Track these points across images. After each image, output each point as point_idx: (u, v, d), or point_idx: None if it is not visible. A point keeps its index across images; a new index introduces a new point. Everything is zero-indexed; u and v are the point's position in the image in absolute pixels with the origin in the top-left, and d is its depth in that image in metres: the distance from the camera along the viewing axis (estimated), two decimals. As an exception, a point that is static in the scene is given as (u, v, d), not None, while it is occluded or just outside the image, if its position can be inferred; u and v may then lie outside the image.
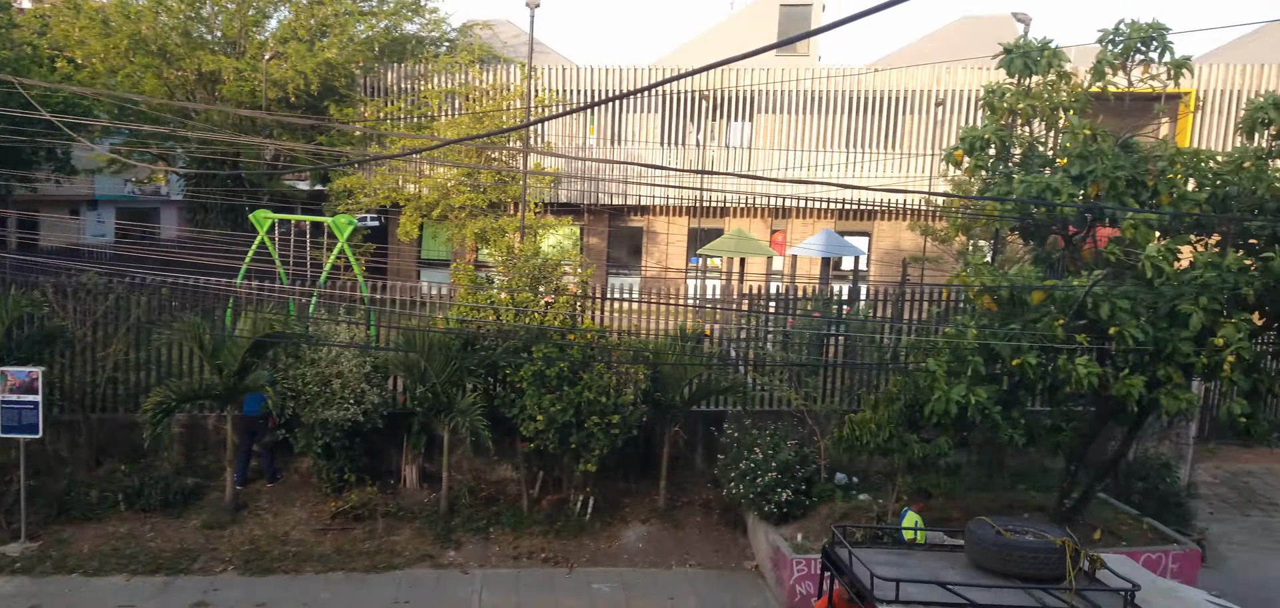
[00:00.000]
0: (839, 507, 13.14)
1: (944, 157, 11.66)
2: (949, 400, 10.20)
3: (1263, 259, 9.74)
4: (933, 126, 24.87)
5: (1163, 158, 10.38)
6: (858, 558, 7.95)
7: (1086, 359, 9.67)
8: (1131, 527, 13.12)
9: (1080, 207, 10.37)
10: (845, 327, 15.55)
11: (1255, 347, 10.20)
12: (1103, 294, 9.55)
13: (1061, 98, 11.09)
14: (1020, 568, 7.65)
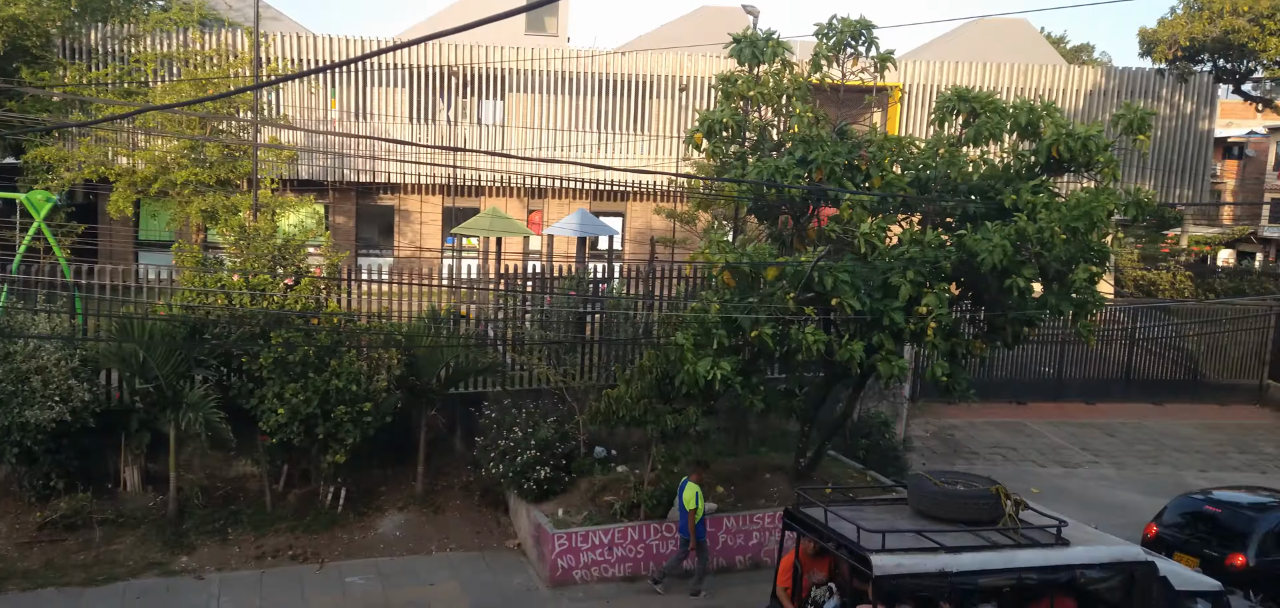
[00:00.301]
0: (598, 480, 13.47)
1: (686, 139, 12.22)
2: (697, 372, 10.73)
3: (957, 236, 11.00)
4: (678, 111, 25.95)
5: (874, 144, 11.45)
6: (836, 514, 8.41)
7: (814, 329, 10.51)
8: (857, 479, 14.41)
9: (805, 188, 11.23)
10: (601, 305, 15.91)
11: (953, 314, 11.51)
12: (826, 269, 10.42)
13: (787, 86, 11.94)
14: (963, 514, 8.41)
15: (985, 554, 8.09)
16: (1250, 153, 47.23)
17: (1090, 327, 11.24)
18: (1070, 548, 8.44)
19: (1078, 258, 10.67)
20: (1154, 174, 28.92)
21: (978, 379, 20.84)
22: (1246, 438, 20.92)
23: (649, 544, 12.50)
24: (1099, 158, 10.76)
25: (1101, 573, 8.36)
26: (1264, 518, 11.82)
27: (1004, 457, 18.64)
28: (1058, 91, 28.24)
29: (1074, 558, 8.36)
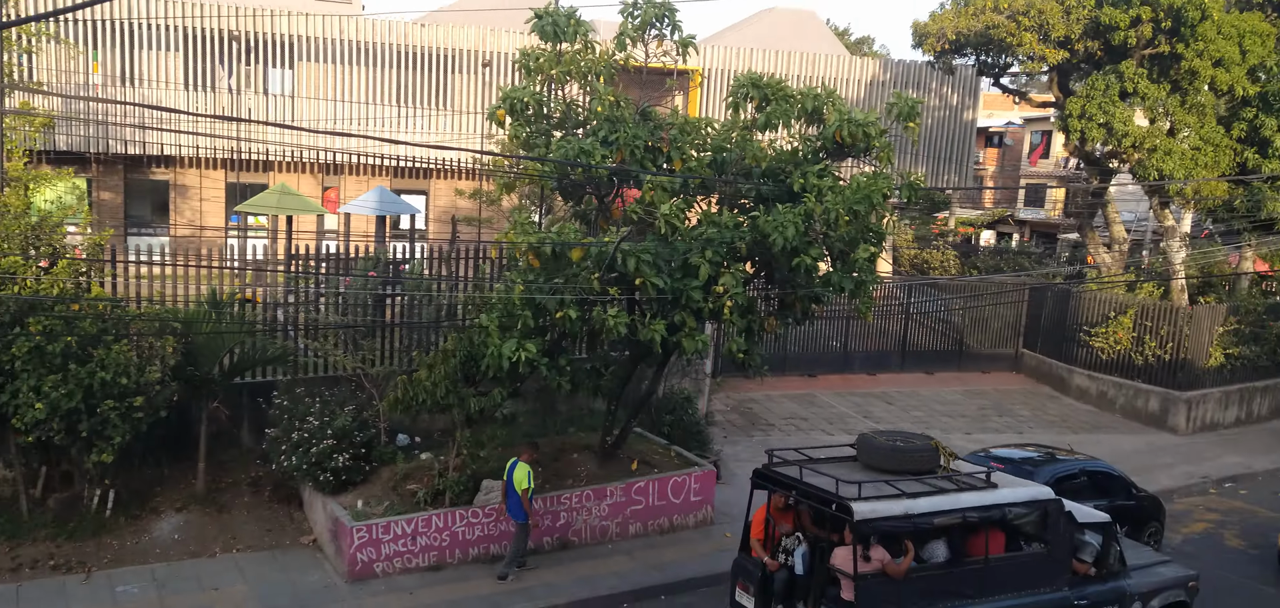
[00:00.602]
0: (401, 468, 13.04)
1: (488, 115, 11.97)
2: (502, 355, 10.58)
3: (751, 217, 11.40)
4: (481, 87, 25.46)
5: (675, 127, 11.68)
6: (811, 471, 9.43)
7: (617, 309, 10.62)
8: (662, 455, 14.75)
9: (609, 169, 11.31)
10: (402, 287, 15.35)
11: (748, 293, 11.94)
12: (629, 250, 10.53)
13: (591, 65, 11.95)
14: (908, 466, 9.63)
15: (936, 498, 9.28)
16: (1008, 142, 52.35)
17: (869, 303, 12.01)
18: (999, 490, 9.70)
19: (858, 238, 11.36)
20: (926, 161, 31.44)
21: (773, 355, 22.05)
22: (1004, 402, 23.24)
23: (455, 532, 12.26)
24: (876, 143, 11.50)
25: (1023, 509, 9.72)
26: (1038, 473, 12.76)
27: (796, 427, 19.70)
28: (841, 81, 30.05)
29: (1002, 498, 9.64)
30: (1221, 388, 22.45)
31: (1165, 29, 22.30)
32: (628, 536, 13.44)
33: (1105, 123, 22.84)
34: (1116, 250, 27.86)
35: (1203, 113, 23.05)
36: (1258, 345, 22.94)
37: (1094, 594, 10.00)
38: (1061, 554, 9.90)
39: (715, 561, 12.77)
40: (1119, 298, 23.96)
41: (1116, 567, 10.39)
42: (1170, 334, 22.16)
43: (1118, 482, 13.67)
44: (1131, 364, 22.81)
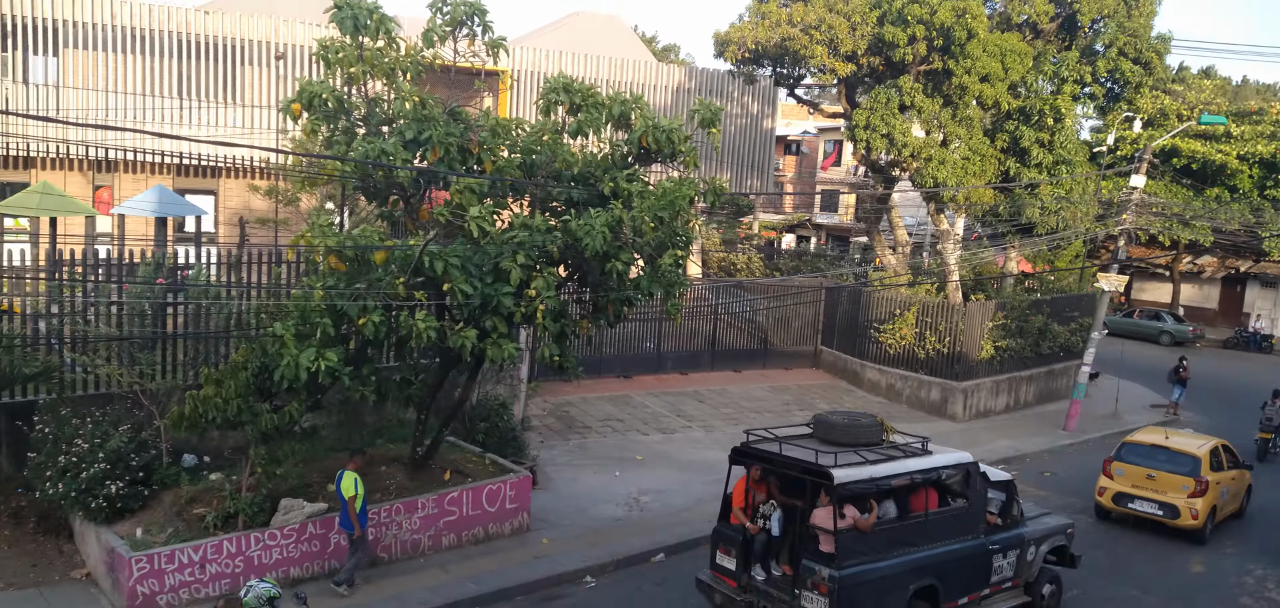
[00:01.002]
0: (186, 491, 12.02)
1: (282, 109, 11.25)
2: (299, 365, 9.98)
3: (563, 221, 11.36)
4: (276, 80, 24.04)
5: (485, 128, 11.47)
6: (789, 445, 10.90)
7: (425, 314, 10.29)
8: (476, 464, 14.45)
9: (416, 170, 10.94)
10: (185, 294, 14.18)
11: (561, 296, 11.92)
12: (437, 253, 10.23)
13: (396, 61, 11.52)
14: (859, 439, 11.10)
15: (891, 464, 10.85)
16: (805, 150, 55.43)
17: (677, 306, 12.30)
18: (933, 456, 11.37)
19: (666, 243, 11.59)
20: (730, 166, 32.70)
21: (589, 357, 22.18)
22: (806, 396, 24.50)
23: (250, 556, 11.44)
24: (681, 149, 11.78)
25: (952, 471, 11.47)
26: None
27: (613, 428, 19.90)
28: (649, 86, 30.73)
29: (937, 462, 11.33)
30: (992, 378, 24.70)
31: (938, 47, 24.32)
32: (442, 548, 13.06)
33: (887, 134, 24.62)
34: (900, 252, 30.10)
35: (971, 125, 25.31)
36: (1022, 339, 25.40)
37: (1002, 540, 11.82)
38: (979, 508, 11.65)
39: (534, 568, 12.66)
40: (903, 297, 25.88)
41: (1017, 517, 12.29)
42: (948, 330, 24.16)
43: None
44: (915, 358, 24.68)
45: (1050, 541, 12.58)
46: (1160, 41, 27.90)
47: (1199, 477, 15.71)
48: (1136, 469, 16.17)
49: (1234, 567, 14.98)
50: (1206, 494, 15.66)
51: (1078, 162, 26.85)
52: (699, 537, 14.33)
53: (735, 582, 10.98)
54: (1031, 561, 12.21)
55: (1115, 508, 16.29)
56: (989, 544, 11.62)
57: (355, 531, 11.44)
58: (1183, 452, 16.13)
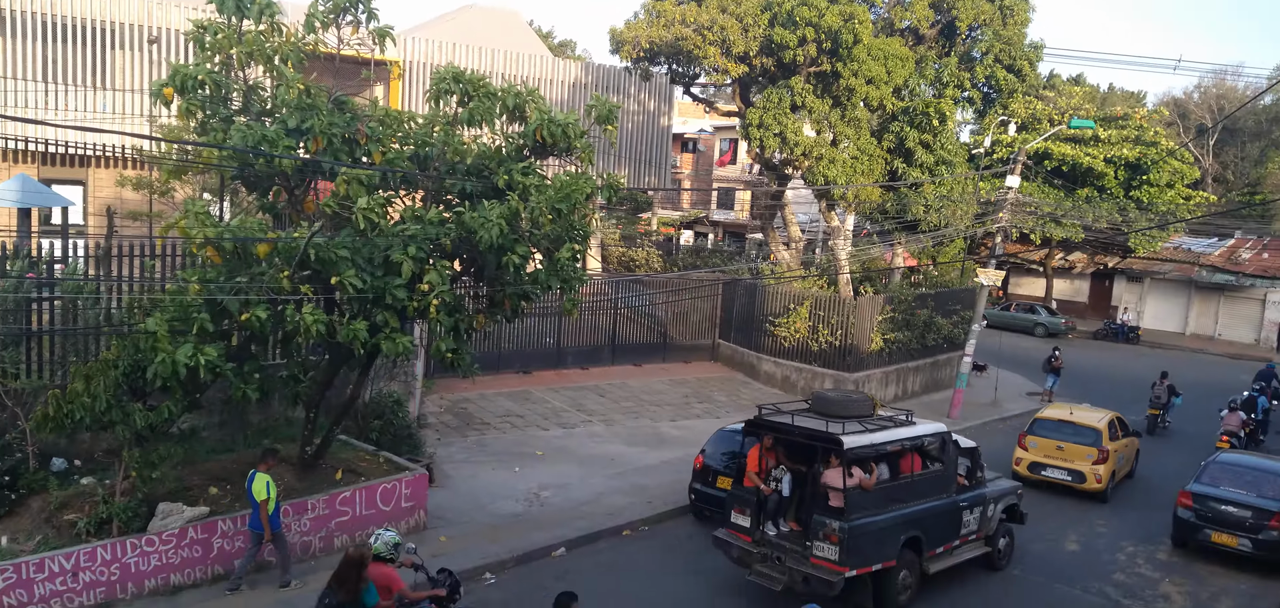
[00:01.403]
0: (56, 496, 11.37)
1: (153, 93, 10.68)
2: (175, 362, 9.52)
3: (457, 214, 11.18)
4: (149, 65, 22.88)
5: (373, 118, 11.18)
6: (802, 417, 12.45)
7: (312, 309, 9.96)
8: (370, 462, 14.14)
9: (300, 160, 10.57)
10: (52, 289, 13.33)
11: (455, 291, 11.73)
12: (324, 245, 9.92)
13: (278, 47, 11.11)
14: (854, 412, 12.66)
15: (885, 432, 12.43)
16: (701, 148, 56.18)
17: (576, 300, 12.27)
18: (917, 426, 13.03)
19: (563, 237, 11.56)
20: (628, 163, 32.83)
21: (487, 353, 21.94)
22: (704, 389, 24.85)
23: (127, 564, 10.88)
24: (577, 143, 11.77)
25: (932, 438, 13.12)
26: None
27: (512, 424, 19.73)
28: (546, 81, 30.56)
29: (920, 431, 12.99)
30: (882, 369, 25.58)
31: (826, 49, 25.04)
32: (334, 550, 12.67)
33: (780, 133, 25.20)
34: (794, 248, 30.85)
35: (859, 126, 26.15)
36: (909, 331, 26.40)
37: (969, 498, 13.55)
38: (952, 471, 13.35)
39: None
40: (797, 291, 26.54)
41: (981, 480, 14.01)
42: (839, 323, 24.90)
43: None
44: (809, 350, 25.34)
45: (1005, 501, 14.44)
46: (1032, 50, 29.44)
47: (1101, 447, 17.97)
48: (1047, 442, 18.42)
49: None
50: (1107, 461, 17.98)
51: (958, 162, 28.09)
52: (600, 530, 14.40)
53: (750, 537, 12.41)
54: (991, 517, 14.02)
55: (1030, 475, 18.26)
56: (959, 502, 13.37)
57: (266, 533, 11.22)
58: (1086, 425, 18.38)
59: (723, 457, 15.22)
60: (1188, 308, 45.17)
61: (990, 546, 14.02)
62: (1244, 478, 15.31)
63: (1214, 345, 41.71)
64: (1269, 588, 14.14)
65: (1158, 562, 15.06)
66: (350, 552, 9.03)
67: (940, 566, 13.02)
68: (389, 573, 9.22)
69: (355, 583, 8.76)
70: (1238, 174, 61.28)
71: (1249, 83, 62.06)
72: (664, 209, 51.12)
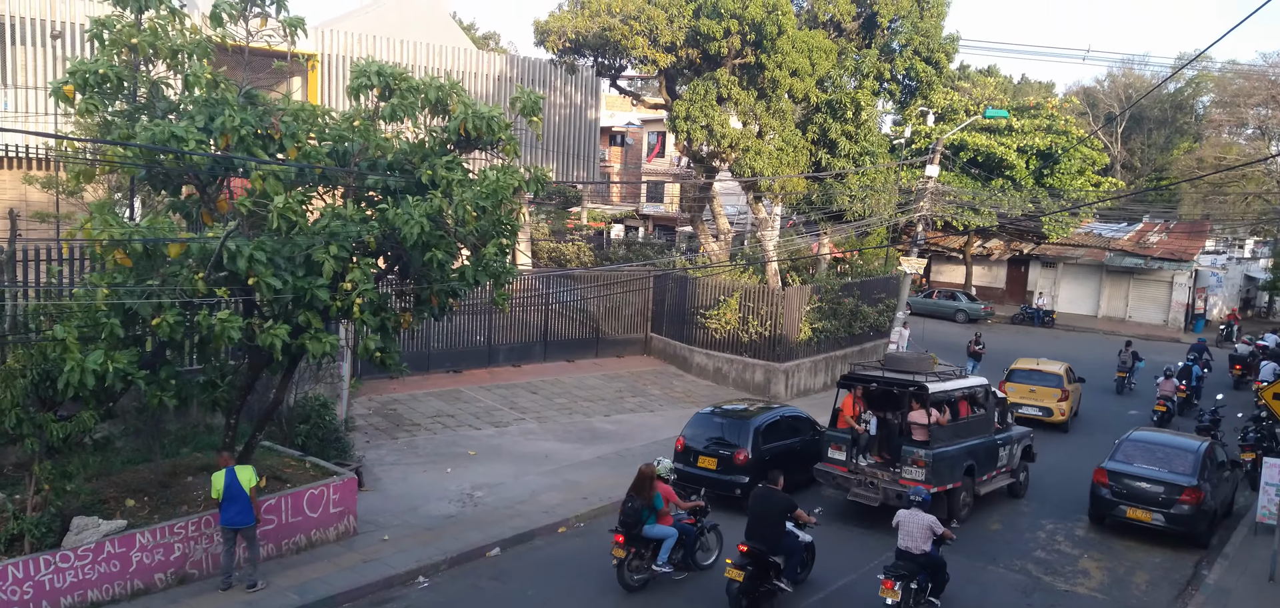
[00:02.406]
0: (-42, 516, 10.80)
1: (52, 91, 10.21)
2: (85, 370, 9.14)
3: (380, 210, 10.99)
4: (52, 61, 21.94)
5: (288, 113, 10.88)
6: (889, 368, 16.04)
7: (228, 312, 9.66)
8: (296, 468, 13.83)
9: (211, 157, 10.23)
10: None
11: (381, 289, 11.52)
12: (239, 245, 9.63)
13: (183, 41, 10.72)
14: (921, 368, 16.15)
15: (950, 382, 16.10)
16: (630, 141, 56.21)
17: (505, 296, 12.16)
18: (968, 378, 17.15)
19: (490, 233, 11.43)
20: (556, 157, 32.71)
21: (416, 352, 21.62)
22: (638, 383, 24.92)
23: (41, 582, 10.39)
24: (502, 136, 11.64)
25: (980, 388, 16.74)
26: (755, 418, 16.28)
27: (443, 424, 19.48)
28: (470, 74, 30.25)
29: (971, 382, 16.81)
30: (811, 358, 26.01)
31: (751, 41, 25.29)
32: (260, 560, 12.33)
33: (707, 125, 25.37)
34: (723, 240, 31.12)
35: (784, 117, 26.50)
36: (836, 320, 26.88)
37: (1002, 438, 16.89)
38: (991, 415, 16.72)
39: (363, 572, 12.19)
40: (727, 283, 26.79)
41: (1007, 424, 17.29)
42: (768, 314, 25.22)
43: (805, 422, 17.44)
44: (740, 341, 25.62)
45: (1022, 442, 17.72)
46: (949, 42, 30.21)
47: (1063, 387, 23.33)
48: (1022, 386, 23.48)
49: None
50: (1068, 399, 23.40)
51: (880, 153, 28.71)
52: (536, 528, 14.31)
53: (846, 467, 15.42)
54: (1014, 454, 17.31)
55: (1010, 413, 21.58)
56: (997, 440, 16.71)
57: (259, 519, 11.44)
58: (1051, 372, 23.85)
59: (703, 439, 16.02)
60: (1099, 291, 46.98)
61: (1014, 477, 17.40)
62: (1156, 455, 15.90)
63: (1125, 327, 43.43)
64: (1181, 560, 14.78)
65: (1076, 538, 15.63)
66: (644, 468, 12.52)
67: (985, 490, 16.35)
68: (667, 489, 12.57)
69: (649, 491, 12.28)
70: (1145, 161, 64.05)
71: (1155, 72, 64.88)
72: (594, 203, 51.08)
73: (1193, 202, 52.46)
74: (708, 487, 14.56)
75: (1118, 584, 13.70)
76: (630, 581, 12.28)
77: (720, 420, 16.27)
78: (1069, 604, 12.87)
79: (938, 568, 11.81)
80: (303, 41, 11.51)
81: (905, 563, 11.55)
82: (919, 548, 11.60)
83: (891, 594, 11.14)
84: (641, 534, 12.17)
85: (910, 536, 11.66)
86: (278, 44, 11.01)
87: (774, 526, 11.70)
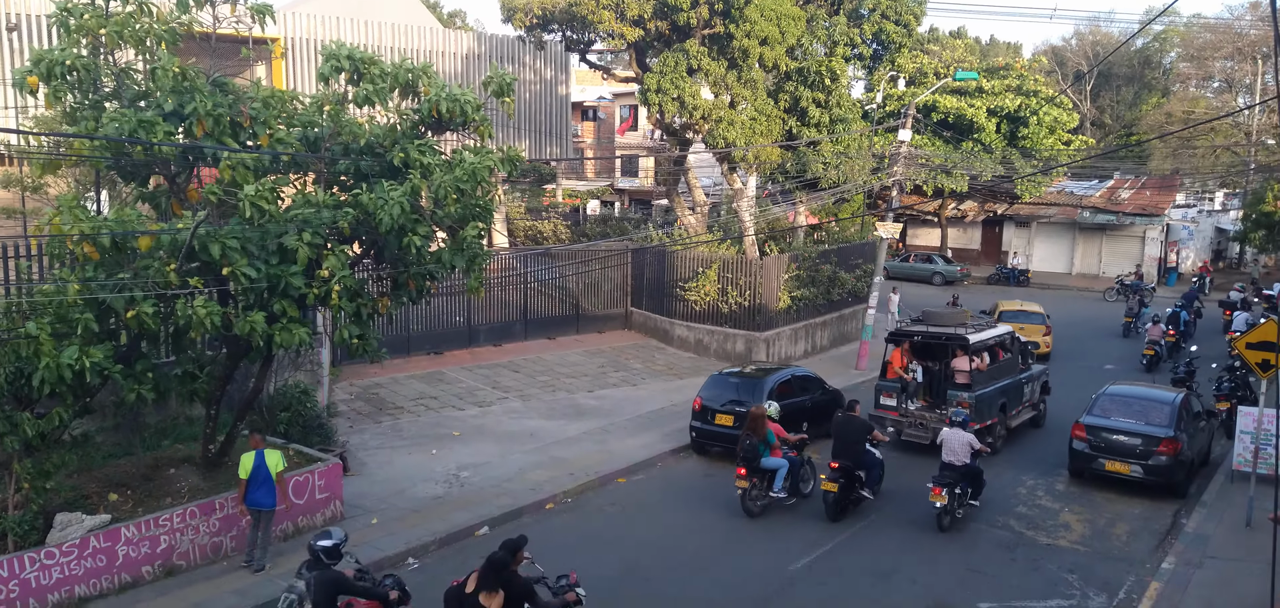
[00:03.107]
0: (-60, 518, 10.68)
1: (15, 82, 10.00)
2: (60, 366, 9.02)
3: (354, 195, 10.86)
4: (9, 53, 21.51)
5: (257, 99, 10.72)
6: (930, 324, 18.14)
7: (204, 301, 9.56)
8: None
9: (179, 146, 10.08)
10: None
11: (356, 275, 11.43)
12: (212, 234, 9.51)
13: (149, 28, 10.52)
14: (957, 321, 18.32)
15: (985, 332, 18.39)
16: (602, 116, 55.93)
17: (480, 279, 12.10)
18: (997, 327, 19.35)
19: (468, 216, 11.36)
20: (528, 134, 32.51)
21: (396, 336, 21.53)
22: (620, 357, 24.95)
23: (26, 580, 10.33)
24: (474, 117, 11.54)
25: (1007, 336, 19.06)
26: (769, 378, 17.54)
27: (427, 407, 19.44)
28: (437, 54, 29.93)
29: (1000, 330, 19.15)
30: (791, 326, 26.14)
31: (719, 11, 25.17)
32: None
33: (679, 97, 25.27)
34: (699, 213, 31.11)
35: (756, 87, 26.44)
36: (814, 287, 27.01)
37: (1026, 377, 19.38)
38: (1016, 359, 19.13)
39: (358, 554, 12.16)
40: (705, 255, 26.82)
41: (1029, 365, 19.85)
42: (748, 284, 25.29)
43: (814, 381, 18.71)
44: (720, 312, 25.69)
45: (1041, 379, 20.25)
46: (917, 4, 30.23)
47: (1047, 323, 27.07)
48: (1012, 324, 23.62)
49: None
50: (1050, 333, 27.11)
51: (852, 119, 28.72)
52: (523, 506, 14.35)
53: (897, 412, 17.70)
54: (1035, 391, 19.83)
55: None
56: (1022, 380, 19.11)
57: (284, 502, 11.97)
58: (1035, 311, 27.66)
59: (720, 399, 17.22)
60: (1073, 249, 47.50)
61: (1036, 409, 19.91)
62: (1133, 408, 16.13)
63: (1099, 283, 43.97)
64: (1160, 510, 15.04)
65: (1057, 492, 15.85)
66: (755, 409, 14.43)
67: (1014, 422, 18.83)
68: (778, 427, 14.49)
69: (762, 430, 14.12)
70: (1114, 117, 64.62)
71: (1122, 29, 65.41)
72: (569, 180, 50.85)
73: (1162, 156, 53.04)
74: (724, 443, 16.48)
75: (1099, 536, 13.94)
76: (753, 508, 14.13)
77: (736, 381, 17.55)
78: (1051, 558, 13.08)
79: (976, 476, 14.15)
80: (269, 26, 11.31)
81: (949, 473, 13.84)
82: (960, 461, 13.91)
83: (940, 498, 13.54)
84: (759, 466, 14.08)
85: (952, 451, 13.98)
86: (244, 29, 10.83)
87: (856, 445, 14.24)
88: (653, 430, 18.60)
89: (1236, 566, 12.54)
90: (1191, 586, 11.93)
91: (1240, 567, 12.47)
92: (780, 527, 13.97)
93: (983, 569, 12.63)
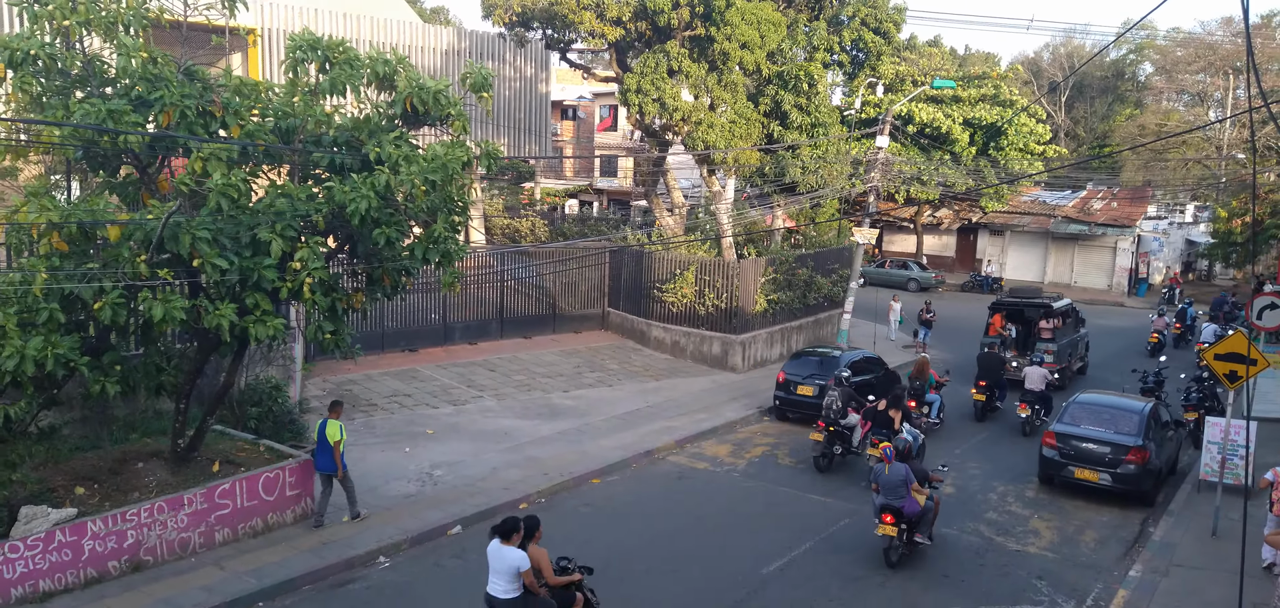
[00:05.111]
0: (-103, 511, 10.48)
1: (-19, 69, 9.83)
2: (25, 357, 8.86)
3: (326, 188, 10.78)
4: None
5: (229, 88, 10.58)
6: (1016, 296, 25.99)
7: (166, 295, 9.42)
8: (250, 451, 13.61)
9: (150, 135, 9.93)
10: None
11: (331, 269, 11.31)
12: (182, 226, 9.38)
13: (118, 15, 10.35)
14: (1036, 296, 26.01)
15: (1059, 303, 25.12)
16: (582, 115, 55.84)
17: (455, 274, 12.01)
18: (1063, 300, 25.95)
19: (440, 209, 11.27)
20: (507, 131, 32.38)
21: (370, 332, 21.34)
22: (596, 358, 24.88)
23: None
24: (450, 111, 11.46)
25: (1071, 305, 26.13)
26: (844, 357, 20.81)
27: (400, 404, 19.29)
28: (417, 48, 29.74)
29: (1066, 302, 25.97)
30: (767, 329, 26.18)
31: (700, 13, 25.20)
32: (215, 544, 12.16)
33: (659, 98, 25.27)
34: (677, 214, 31.12)
35: (736, 90, 26.50)
36: (791, 291, 27.07)
37: (1081, 336, 26.37)
38: (1076, 323, 26.08)
39: (322, 554, 12.07)
40: (683, 256, 26.82)
41: (1081, 329, 26.35)
42: (724, 286, 25.32)
43: (877, 362, 21.44)
44: (697, 315, 25.70)
45: (1084, 338, 26.79)
46: (896, 12, 30.41)
47: None
48: None
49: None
50: None
51: (831, 124, 28.84)
52: (497, 505, 14.26)
53: None
54: (1085, 348, 26.72)
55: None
56: (1078, 338, 26.07)
57: (339, 472, 12.81)
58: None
59: (801, 374, 20.41)
60: (1046, 258, 48.02)
61: (1083, 361, 26.61)
62: (1102, 416, 16.28)
63: (1070, 292, 44.32)
64: (1129, 518, 15.22)
65: (1027, 499, 15.97)
66: (921, 358, 20.87)
67: (1074, 368, 25.51)
68: (933, 370, 20.07)
69: (926, 373, 19.80)
70: (1088, 128, 65.41)
71: (1096, 41, 66.16)
72: (548, 179, 50.71)
73: (1135, 168, 53.75)
74: (803, 409, 19.81)
75: (1067, 543, 14.08)
76: (923, 426, 18.41)
77: (815, 359, 21.01)
78: (1020, 564, 13.20)
79: (1048, 399, 20.21)
80: (243, 15, 11.17)
81: (1029, 397, 20.03)
82: (1037, 387, 20.08)
83: (1025, 411, 19.92)
84: (925, 398, 19.36)
85: (1032, 381, 20.16)
86: (217, 18, 10.69)
87: (997, 372, 21.25)
88: (628, 431, 18.58)
89: (1202, 574, 12.71)
90: (1158, 593, 12.08)
91: (1206, 575, 12.64)
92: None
93: (951, 575, 12.72)
